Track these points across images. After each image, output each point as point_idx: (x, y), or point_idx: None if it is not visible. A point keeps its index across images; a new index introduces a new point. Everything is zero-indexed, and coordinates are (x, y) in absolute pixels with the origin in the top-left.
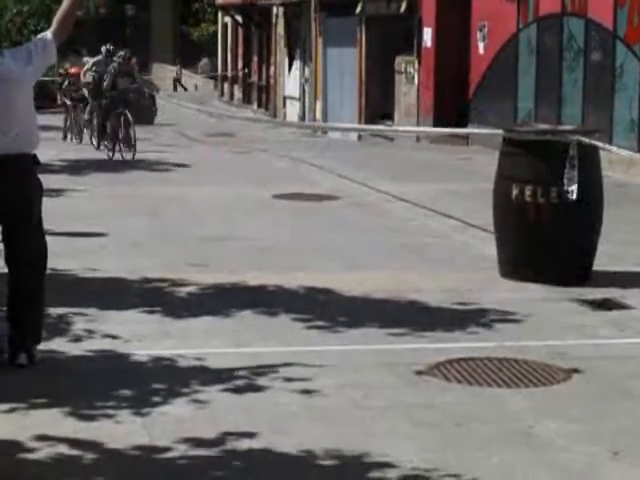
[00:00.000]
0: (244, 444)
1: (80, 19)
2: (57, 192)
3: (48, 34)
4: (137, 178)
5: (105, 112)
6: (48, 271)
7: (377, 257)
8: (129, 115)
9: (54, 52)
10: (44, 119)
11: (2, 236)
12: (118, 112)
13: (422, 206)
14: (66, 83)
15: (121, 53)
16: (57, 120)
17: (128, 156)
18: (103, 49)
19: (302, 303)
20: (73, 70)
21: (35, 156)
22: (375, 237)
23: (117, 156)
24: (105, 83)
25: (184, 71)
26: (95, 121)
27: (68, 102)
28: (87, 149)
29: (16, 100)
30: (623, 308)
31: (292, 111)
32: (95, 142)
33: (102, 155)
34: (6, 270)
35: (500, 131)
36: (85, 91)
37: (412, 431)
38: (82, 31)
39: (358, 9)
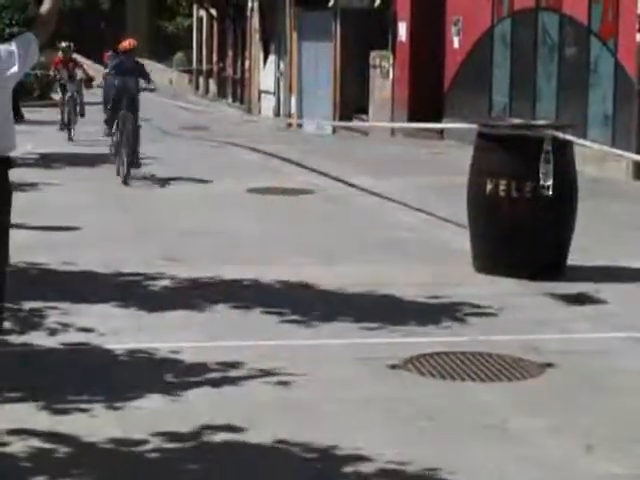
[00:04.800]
0: (218, 437)
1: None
2: (31, 186)
3: (30, 34)
4: (112, 172)
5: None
6: (23, 265)
7: (352, 251)
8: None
9: (37, 52)
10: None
11: None
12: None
13: (397, 200)
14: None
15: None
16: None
17: None
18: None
19: (276, 297)
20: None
21: (11, 159)
22: (350, 231)
23: None
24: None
25: (159, 65)
26: None
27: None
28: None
29: None
30: (597, 303)
31: (267, 105)
32: None
33: (77, 149)
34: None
35: (474, 125)
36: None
37: (386, 425)
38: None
39: (331, 2)
